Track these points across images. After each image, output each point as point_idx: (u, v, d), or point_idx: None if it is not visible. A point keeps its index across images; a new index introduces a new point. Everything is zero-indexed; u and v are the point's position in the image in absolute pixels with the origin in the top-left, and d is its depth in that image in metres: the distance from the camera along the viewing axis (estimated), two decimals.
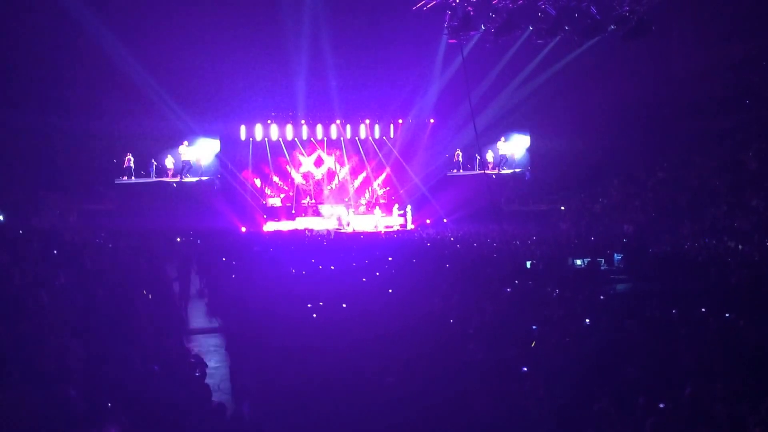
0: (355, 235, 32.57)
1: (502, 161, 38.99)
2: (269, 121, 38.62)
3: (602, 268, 20.57)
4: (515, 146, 39.28)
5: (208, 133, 36.91)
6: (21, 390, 7.95)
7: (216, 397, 9.86)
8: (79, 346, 9.82)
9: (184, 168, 36.34)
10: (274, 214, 37.65)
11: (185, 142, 36.18)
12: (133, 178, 35.30)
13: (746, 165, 29.55)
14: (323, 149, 39.75)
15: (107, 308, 12.58)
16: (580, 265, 20.48)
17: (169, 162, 36.13)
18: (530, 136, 38.65)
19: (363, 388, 9.17)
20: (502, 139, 38.76)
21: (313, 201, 38.97)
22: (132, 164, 35.22)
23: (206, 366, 10.31)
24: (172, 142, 36.06)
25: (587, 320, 12.06)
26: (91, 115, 30.87)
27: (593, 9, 22.07)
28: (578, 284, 16.54)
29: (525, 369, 9.71)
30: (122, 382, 8.56)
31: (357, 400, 8.87)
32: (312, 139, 39.37)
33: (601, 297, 14.60)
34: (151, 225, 29.13)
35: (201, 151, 37.26)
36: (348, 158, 40.07)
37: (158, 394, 8.48)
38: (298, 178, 39.55)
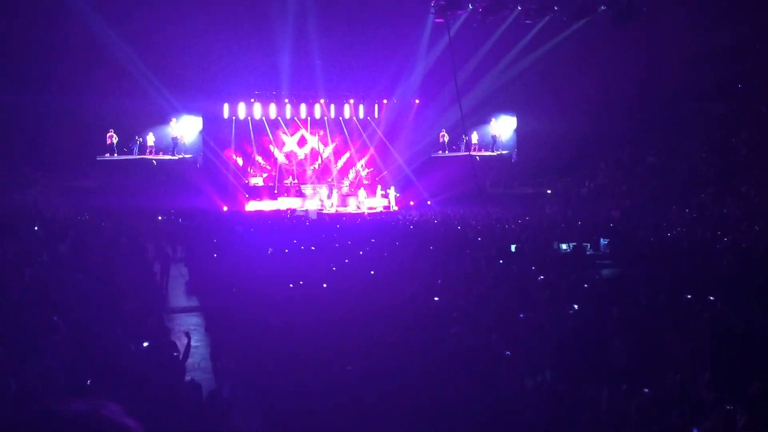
0: (338, 216, 32.35)
1: (488, 143, 38.73)
2: (252, 100, 38.08)
3: (588, 252, 20.45)
4: (502, 128, 39.02)
5: (191, 111, 36.41)
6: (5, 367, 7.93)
7: (195, 376, 9.75)
8: (61, 322, 9.73)
9: (175, 145, 35.96)
10: (256, 193, 37.32)
11: (173, 119, 35.81)
12: (115, 155, 34.84)
13: (736, 151, 29.53)
14: (307, 129, 39.39)
15: (88, 286, 12.46)
16: (566, 249, 20.35)
17: (150, 139, 35.67)
18: (517, 117, 38.43)
19: (344, 370, 9.05)
20: (493, 120, 38.52)
21: (296, 181, 38.66)
22: (115, 141, 34.72)
23: (186, 345, 10.18)
24: (155, 120, 35.57)
25: (575, 306, 11.92)
26: (72, 92, 30.26)
27: None
28: (563, 269, 16.43)
29: (508, 353, 9.62)
30: (102, 359, 8.47)
31: (338, 381, 8.76)
32: (296, 118, 38.94)
33: (585, 284, 14.45)
34: (133, 203, 28.76)
35: (184, 129, 36.79)
36: (332, 138, 39.76)
37: (138, 371, 8.36)
38: (281, 158, 39.19)
